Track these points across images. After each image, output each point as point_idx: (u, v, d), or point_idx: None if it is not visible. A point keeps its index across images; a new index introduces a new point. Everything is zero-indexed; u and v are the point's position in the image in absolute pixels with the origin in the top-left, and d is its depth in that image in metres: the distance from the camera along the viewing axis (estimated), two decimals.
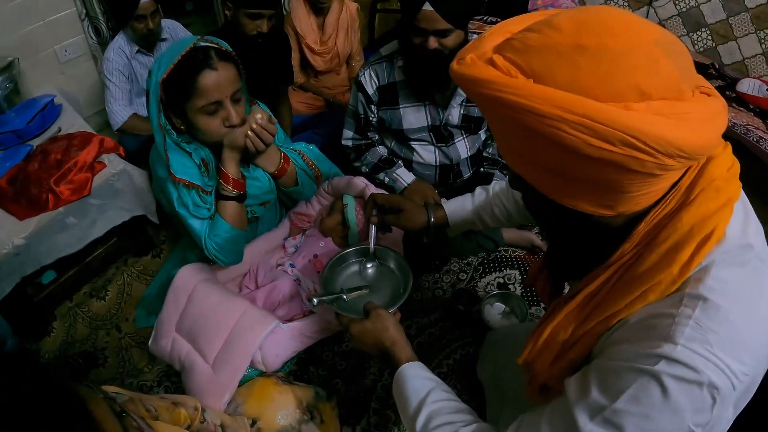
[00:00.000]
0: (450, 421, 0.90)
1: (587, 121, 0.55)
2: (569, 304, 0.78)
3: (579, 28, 0.59)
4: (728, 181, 0.68)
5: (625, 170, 0.58)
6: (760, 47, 2.62)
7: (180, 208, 1.49)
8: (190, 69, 1.33)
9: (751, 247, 0.67)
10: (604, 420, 0.66)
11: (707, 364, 0.60)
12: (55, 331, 1.97)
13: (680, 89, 0.58)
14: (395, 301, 1.24)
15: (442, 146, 1.96)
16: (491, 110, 0.66)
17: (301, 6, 2.47)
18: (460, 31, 1.65)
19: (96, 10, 2.46)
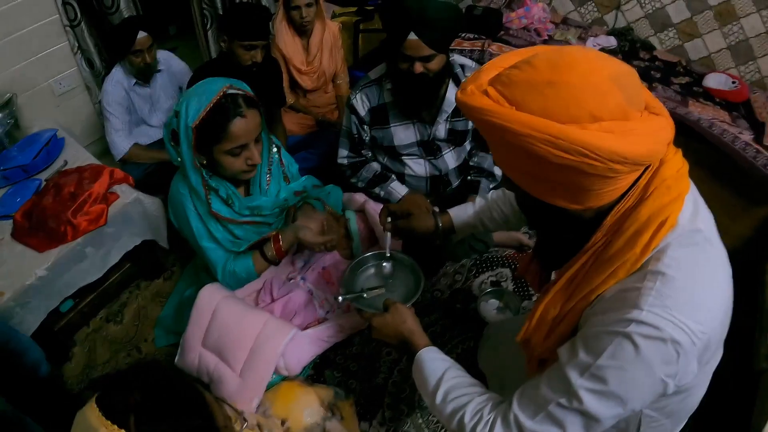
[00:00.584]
0: (465, 393, 1.05)
1: (551, 138, 0.73)
2: (555, 287, 0.95)
3: (550, 67, 0.77)
4: (678, 180, 0.85)
5: (583, 173, 0.76)
6: (724, 42, 2.79)
7: (202, 242, 1.62)
8: (221, 116, 1.44)
9: (699, 231, 0.85)
10: (590, 375, 0.83)
11: (668, 324, 0.77)
12: (75, 356, 2.06)
13: (626, 112, 0.76)
14: (411, 297, 1.42)
15: (432, 159, 2.11)
16: (485, 129, 0.84)
17: (285, 30, 2.59)
18: (443, 54, 1.81)
19: (88, 43, 2.54)
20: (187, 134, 1.46)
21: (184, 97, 1.48)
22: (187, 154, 1.50)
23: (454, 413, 1.03)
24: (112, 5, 2.52)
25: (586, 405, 0.84)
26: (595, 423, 0.86)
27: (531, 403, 0.92)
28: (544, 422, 0.90)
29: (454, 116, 2.02)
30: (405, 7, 1.69)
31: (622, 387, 0.82)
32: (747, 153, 2.20)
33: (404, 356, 1.90)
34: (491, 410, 0.99)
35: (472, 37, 2.78)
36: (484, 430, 0.96)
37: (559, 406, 0.87)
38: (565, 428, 0.88)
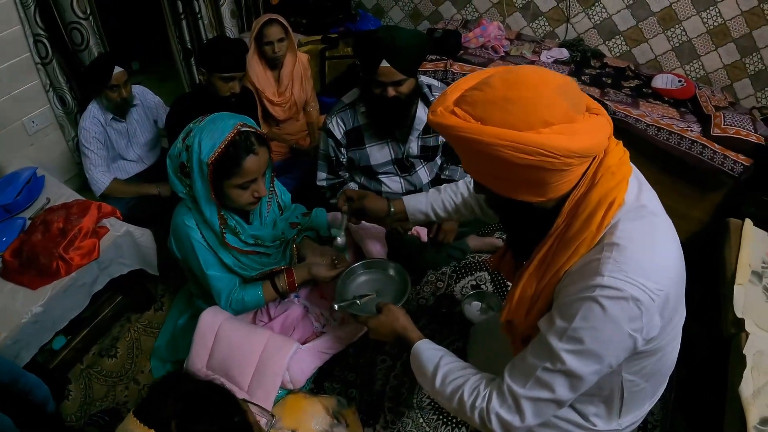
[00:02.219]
0: (461, 375, 1.16)
1: (514, 144, 0.87)
2: (528, 270, 1.09)
3: (505, 85, 0.91)
4: (620, 166, 0.99)
5: (543, 170, 0.90)
6: (669, 44, 3.05)
7: (209, 270, 1.68)
8: (236, 153, 1.51)
9: (644, 206, 1.00)
10: (568, 338, 0.96)
11: (626, 284, 0.90)
12: (72, 393, 2.06)
13: (571, 116, 0.90)
14: (401, 298, 1.56)
15: (406, 175, 2.24)
16: (456, 143, 0.97)
17: (257, 63, 2.68)
18: (413, 78, 1.94)
19: (60, 81, 2.56)
20: (201, 169, 1.51)
21: (196, 132, 1.52)
22: (201, 189, 1.55)
23: (454, 393, 1.13)
24: (82, 42, 2.55)
25: (569, 365, 0.97)
26: (578, 381, 0.99)
27: (521, 373, 1.04)
28: (535, 387, 1.02)
29: (424, 133, 2.15)
30: (377, 38, 1.83)
31: (597, 344, 0.94)
32: (693, 150, 2.42)
33: (398, 363, 2.01)
34: (486, 386, 1.10)
35: (435, 58, 2.93)
36: (482, 403, 1.08)
37: (545, 370, 1.00)
38: (554, 389, 1.00)
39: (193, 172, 1.53)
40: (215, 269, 1.69)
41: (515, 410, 1.04)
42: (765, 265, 2.08)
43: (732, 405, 1.63)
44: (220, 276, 1.70)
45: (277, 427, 1.55)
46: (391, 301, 1.47)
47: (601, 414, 1.27)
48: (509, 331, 1.22)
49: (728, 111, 2.56)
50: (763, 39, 2.78)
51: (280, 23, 2.61)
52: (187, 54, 3.13)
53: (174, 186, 1.62)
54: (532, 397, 1.02)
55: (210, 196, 1.57)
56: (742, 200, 2.43)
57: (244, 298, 1.72)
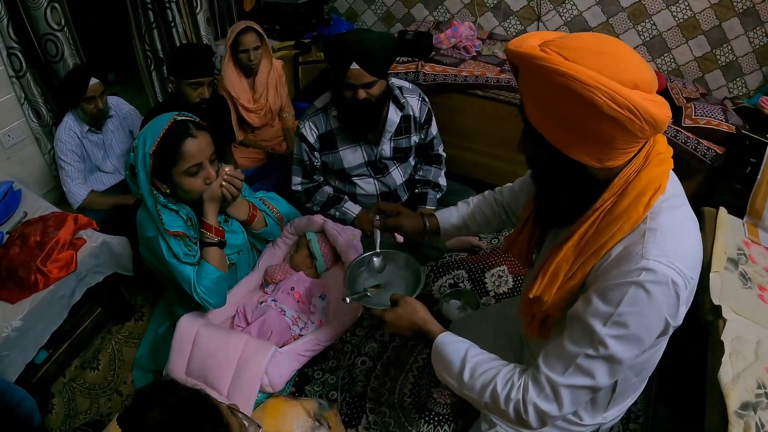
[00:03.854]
0: (491, 367, 1.11)
1: (611, 91, 0.85)
2: (568, 243, 1.05)
3: (597, 41, 0.91)
4: (667, 155, 1.02)
5: (621, 128, 0.88)
6: (639, 38, 3.08)
7: (171, 259, 1.67)
8: (174, 139, 1.56)
9: (677, 195, 1.03)
10: (613, 323, 0.95)
11: (669, 270, 0.92)
12: (56, 407, 2.05)
13: (652, 87, 0.91)
14: (415, 289, 1.47)
15: (380, 177, 2.26)
16: (538, 80, 0.92)
17: (232, 70, 2.69)
18: (383, 80, 1.96)
19: (35, 93, 2.54)
20: (144, 162, 1.56)
21: (140, 134, 1.60)
22: (143, 181, 1.60)
23: (485, 387, 1.09)
24: (57, 54, 2.55)
25: (612, 350, 0.96)
26: (619, 366, 0.98)
27: (558, 361, 1.03)
28: (574, 375, 1.00)
29: (397, 135, 2.17)
30: (346, 41, 1.85)
31: (641, 329, 0.95)
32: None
33: (378, 363, 2.01)
34: (520, 376, 1.07)
35: (406, 60, 2.94)
36: (518, 395, 1.05)
37: (587, 356, 0.99)
38: (594, 376, 0.99)
39: (138, 168, 1.58)
40: (174, 258, 1.69)
41: (553, 399, 1.03)
42: (740, 252, 2.11)
43: (712, 391, 1.64)
44: (182, 264, 1.69)
45: None
46: (404, 293, 1.41)
47: (590, 408, 1.29)
48: (529, 311, 1.17)
49: (699, 102, 2.60)
50: (733, 30, 2.82)
51: (256, 31, 2.63)
52: (159, 63, 3.13)
53: (132, 190, 1.67)
54: (572, 384, 1.01)
55: (149, 188, 1.61)
56: (715, 189, 2.46)
57: (203, 279, 1.68)
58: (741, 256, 2.11)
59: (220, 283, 1.73)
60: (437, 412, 1.86)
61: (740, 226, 2.27)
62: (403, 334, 1.32)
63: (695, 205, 2.37)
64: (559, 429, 1.33)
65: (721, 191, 2.44)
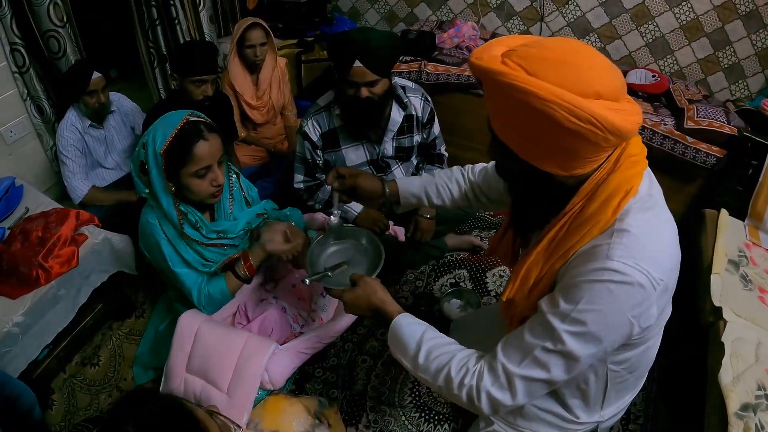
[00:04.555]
0: (447, 351, 1.11)
1: (569, 105, 0.84)
2: (537, 248, 1.07)
3: (561, 49, 0.90)
4: (640, 157, 1.01)
5: (584, 139, 0.88)
6: (642, 40, 3.09)
7: (175, 267, 1.68)
8: (186, 141, 1.54)
9: (652, 197, 1.02)
10: (572, 320, 0.96)
11: (634, 271, 0.91)
12: (56, 403, 2.04)
13: (618, 96, 0.90)
14: (375, 269, 1.45)
15: (382, 176, 2.25)
16: (499, 94, 0.93)
17: (238, 66, 2.70)
18: (386, 79, 1.96)
19: (37, 89, 2.55)
20: (156, 160, 1.55)
21: (150, 129, 1.57)
22: (157, 180, 1.58)
23: (439, 371, 1.09)
24: (59, 50, 2.55)
25: (569, 346, 0.97)
26: (575, 362, 0.99)
27: (516, 351, 1.03)
28: (530, 366, 1.01)
29: (399, 134, 2.17)
30: (350, 39, 1.85)
31: (599, 327, 0.95)
32: (665, 146, 2.46)
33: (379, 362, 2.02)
34: (476, 362, 1.07)
35: (409, 59, 2.95)
36: (472, 381, 1.05)
37: (544, 349, 0.99)
38: (550, 370, 1.00)
39: (149, 166, 1.56)
40: (182, 266, 1.69)
41: (507, 388, 1.03)
42: (741, 254, 2.12)
43: (712, 392, 1.65)
44: (188, 272, 1.70)
45: (258, 429, 1.55)
46: (365, 272, 1.40)
47: (584, 406, 1.28)
48: (508, 312, 1.19)
49: (702, 104, 2.60)
50: (736, 33, 2.83)
51: (263, 27, 2.63)
52: (162, 60, 3.13)
53: (137, 187, 1.64)
54: (527, 376, 1.01)
55: (165, 186, 1.59)
56: (716, 191, 2.47)
57: (210, 292, 1.71)
58: (742, 258, 2.11)
59: (224, 300, 1.76)
60: (437, 411, 1.86)
61: (741, 228, 2.28)
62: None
63: (696, 206, 2.43)
64: (555, 427, 1.33)
65: (722, 193, 2.45)
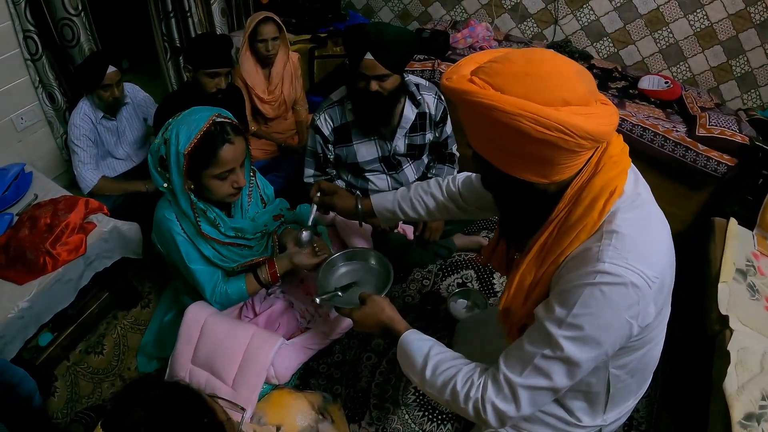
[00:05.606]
0: (452, 365, 1.13)
1: (536, 116, 0.86)
2: (528, 257, 1.08)
3: (526, 61, 0.91)
4: (621, 157, 1.01)
5: (557, 147, 0.90)
6: (656, 46, 3.09)
7: (192, 264, 1.68)
8: (211, 143, 1.52)
9: (640, 195, 1.02)
10: (568, 325, 0.96)
11: (626, 271, 0.92)
12: (58, 390, 2.05)
13: (587, 100, 0.91)
14: (384, 288, 1.50)
15: (393, 173, 2.26)
16: (470, 111, 0.95)
17: (249, 60, 2.69)
18: (397, 75, 1.95)
19: (49, 77, 2.55)
20: (178, 160, 1.52)
21: (173, 125, 1.54)
22: (177, 179, 1.56)
23: (445, 384, 1.11)
24: (73, 38, 2.55)
25: (567, 351, 0.97)
26: (576, 368, 0.99)
27: (517, 361, 1.04)
28: (532, 375, 1.01)
29: (412, 132, 2.16)
30: (364, 30, 1.85)
31: (596, 331, 0.95)
32: (676, 153, 2.45)
33: (384, 360, 2.02)
34: (480, 375, 1.09)
35: (423, 58, 2.94)
36: (477, 393, 1.06)
37: (544, 357, 0.99)
38: (552, 377, 1.00)
39: (170, 164, 1.54)
40: (198, 263, 1.69)
41: (511, 399, 1.04)
42: (749, 263, 2.11)
43: (716, 401, 1.64)
44: (203, 269, 1.70)
45: (262, 422, 1.56)
46: (374, 291, 1.44)
47: (587, 409, 1.28)
48: (506, 321, 1.20)
49: (714, 112, 2.59)
50: (750, 42, 2.82)
51: (275, 22, 2.63)
52: (175, 52, 3.13)
53: (155, 180, 1.62)
54: (529, 385, 1.02)
55: (184, 188, 1.58)
56: (726, 200, 2.46)
57: (227, 291, 1.72)
58: (750, 267, 2.10)
59: (239, 301, 1.79)
60: (440, 411, 1.86)
61: (750, 238, 2.27)
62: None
63: (705, 215, 2.42)
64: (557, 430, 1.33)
65: (732, 202, 2.44)
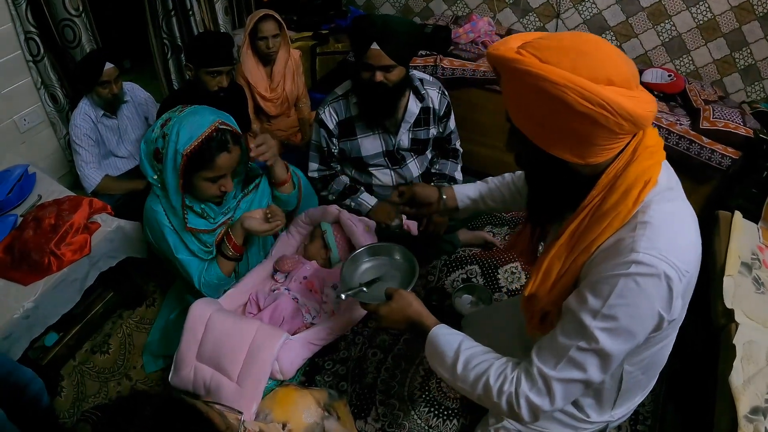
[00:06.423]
0: (484, 360, 1.12)
1: (580, 89, 0.87)
2: (559, 241, 1.07)
3: (574, 40, 0.94)
4: (657, 148, 1.02)
5: (597, 124, 0.90)
6: (658, 39, 3.07)
7: (179, 254, 1.72)
8: (210, 150, 1.56)
9: (672, 189, 1.03)
10: (603, 316, 0.95)
11: (660, 262, 0.92)
12: (65, 390, 2.06)
13: (630, 83, 0.92)
14: (409, 282, 1.47)
15: (397, 168, 2.26)
16: (516, 82, 0.97)
17: (251, 58, 2.70)
18: (402, 67, 1.96)
19: (51, 78, 2.57)
20: (175, 158, 1.55)
21: (175, 121, 1.56)
22: (171, 175, 1.59)
23: (478, 379, 1.10)
24: (74, 39, 2.56)
25: (602, 343, 0.96)
26: (610, 360, 0.98)
27: (551, 354, 1.03)
28: (566, 368, 1.01)
29: (415, 126, 2.17)
30: (371, 20, 1.87)
31: (631, 322, 0.95)
32: (680, 146, 2.44)
33: (390, 356, 2.02)
34: (513, 369, 1.08)
35: (425, 53, 2.94)
36: (510, 387, 1.05)
37: (579, 349, 0.99)
38: (586, 369, 1.00)
39: (166, 159, 1.56)
40: (184, 253, 1.73)
41: (545, 393, 1.03)
42: (754, 257, 2.10)
43: (722, 395, 1.64)
44: (190, 259, 1.74)
45: (268, 420, 1.56)
46: (399, 286, 1.43)
47: (597, 405, 1.29)
48: (528, 308, 1.19)
49: (717, 105, 2.58)
50: (753, 34, 2.81)
51: (275, 19, 2.64)
52: (176, 51, 3.13)
53: (144, 170, 1.65)
54: (564, 378, 1.01)
55: (178, 186, 1.61)
56: (731, 193, 2.45)
57: (206, 279, 1.76)
58: (755, 261, 2.09)
59: (222, 284, 1.82)
60: (446, 406, 1.85)
61: (755, 231, 2.26)
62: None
63: (710, 208, 2.41)
64: (566, 426, 1.34)
65: (736, 195, 2.43)
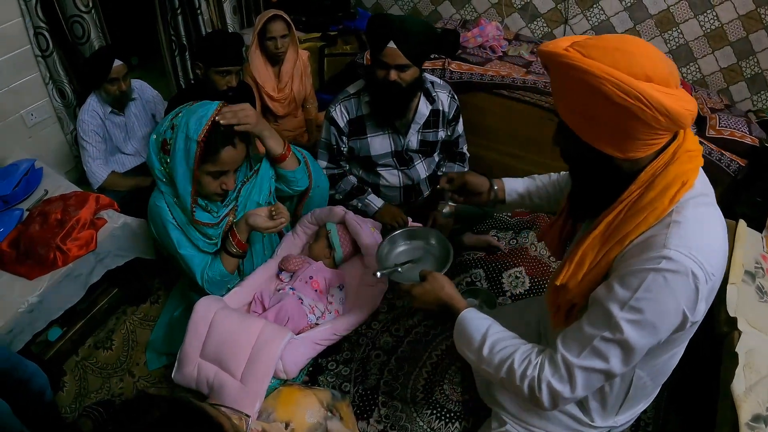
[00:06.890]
0: (510, 344, 1.16)
1: (618, 81, 0.91)
2: (594, 232, 1.10)
3: (617, 39, 0.98)
4: (696, 153, 1.05)
5: (635, 117, 0.94)
6: (666, 47, 3.09)
7: (182, 250, 1.72)
8: (216, 142, 1.57)
9: (707, 195, 1.06)
10: (629, 307, 0.98)
11: (690, 261, 0.94)
12: (67, 385, 2.06)
13: (668, 81, 0.95)
14: (443, 266, 1.52)
15: (404, 169, 2.27)
16: (563, 76, 1.01)
17: (259, 58, 2.71)
18: (417, 68, 1.97)
19: (60, 73, 2.58)
20: (186, 146, 1.56)
21: (185, 113, 1.58)
22: (181, 165, 1.59)
23: (503, 362, 1.14)
24: (83, 35, 2.57)
25: (626, 334, 0.99)
26: (632, 353, 1.01)
27: (575, 342, 1.06)
28: (589, 357, 1.04)
29: (425, 128, 2.18)
30: (388, 20, 1.89)
31: (656, 316, 0.97)
32: None
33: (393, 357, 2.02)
34: (538, 355, 1.11)
35: (433, 57, 2.94)
36: (534, 372, 1.09)
37: (603, 339, 1.02)
38: (609, 360, 1.02)
39: (174, 149, 1.57)
40: (188, 248, 1.73)
41: (567, 380, 1.06)
42: (758, 266, 2.10)
43: (724, 402, 1.63)
44: (193, 255, 1.74)
45: (271, 419, 1.56)
46: (434, 269, 1.46)
47: (602, 410, 1.30)
48: (555, 300, 1.21)
49: (723, 113, 2.59)
50: (760, 43, 2.81)
51: (284, 20, 2.64)
52: (182, 49, 3.14)
53: (151, 163, 1.65)
54: (586, 366, 1.04)
55: (188, 175, 1.60)
56: (735, 201, 2.45)
57: (211, 275, 1.76)
58: (759, 269, 2.09)
59: (225, 281, 1.82)
60: (449, 409, 1.85)
61: (759, 240, 2.26)
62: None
63: None
64: (568, 429, 1.35)
65: (741, 203, 2.43)
